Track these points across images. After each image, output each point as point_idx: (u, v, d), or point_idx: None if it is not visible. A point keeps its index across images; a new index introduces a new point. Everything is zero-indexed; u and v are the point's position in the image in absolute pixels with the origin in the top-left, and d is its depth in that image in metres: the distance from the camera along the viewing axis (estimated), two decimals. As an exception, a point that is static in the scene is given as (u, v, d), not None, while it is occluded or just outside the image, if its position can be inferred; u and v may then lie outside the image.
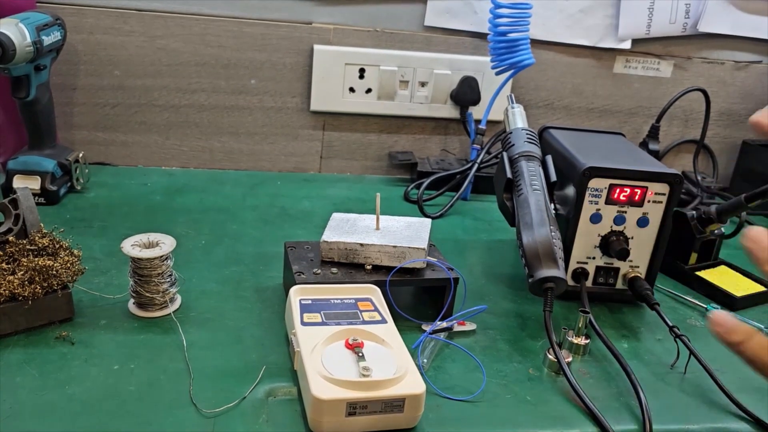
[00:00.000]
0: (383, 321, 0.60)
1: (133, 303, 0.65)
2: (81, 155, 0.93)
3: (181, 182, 1.01)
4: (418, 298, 0.73)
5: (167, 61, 1.01)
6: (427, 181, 1.04)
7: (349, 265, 0.68)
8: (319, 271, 0.66)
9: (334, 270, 0.67)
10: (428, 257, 0.68)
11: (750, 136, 1.25)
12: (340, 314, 0.60)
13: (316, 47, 1.04)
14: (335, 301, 0.62)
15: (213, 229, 0.86)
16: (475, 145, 1.09)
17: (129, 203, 0.91)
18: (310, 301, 0.61)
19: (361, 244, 0.67)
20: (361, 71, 1.07)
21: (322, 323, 0.58)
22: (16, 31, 0.78)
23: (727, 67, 1.20)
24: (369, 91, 1.08)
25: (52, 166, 0.88)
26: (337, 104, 1.08)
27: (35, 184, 0.86)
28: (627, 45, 1.14)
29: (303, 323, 0.58)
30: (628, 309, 0.76)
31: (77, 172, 0.92)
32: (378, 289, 0.64)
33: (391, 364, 0.54)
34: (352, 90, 1.08)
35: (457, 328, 0.67)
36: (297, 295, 0.62)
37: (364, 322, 0.59)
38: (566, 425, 0.55)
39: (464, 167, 1.06)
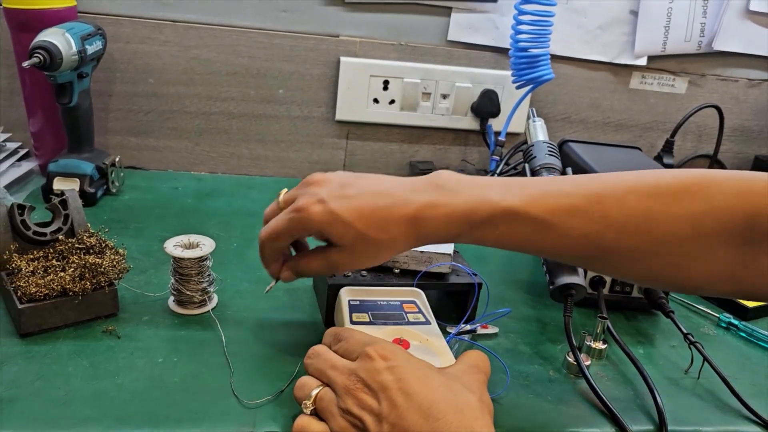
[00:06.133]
0: (427, 322, 0.62)
1: (173, 300, 0.68)
2: (117, 159, 0.97)
3: (210, 186, 1.05)
4: (442, 301, 0.76)
5: (200, 70, 1.05)
6: (447, 190, 1.06)
7: (377, 269, 0.71)
8: (350, 273, 0.70)
9: (364, 273, 0.70)
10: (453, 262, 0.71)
11: (762, 151, 1.28)
12: (387, 315, 0.62)
13: (343, 59, 1.08)
14: (382, 302, 0.64)
15: (243, 231, 0.89)
16: (494, 156, 1.12)
17: (162, 206, 0.95)
18: (358, 302, 0.64)
19: (390, 249, 0.70)
20: (385, 83, 1.10)
21: (370, 323, 0.61)
22: (63, 40, 0.82)
23: (741, 85, 1.23)
24: (392, 102, 1.12)
25: (91, 169, 0.91)
26: (362, 114, 1.12)
27: (74, 186, 0.90)
28: (643, 61, 1.17)
29: (352, 322, 0.60)
30: (643, 317, 0.78)
31: (113, 175, 0.95)
32: (422, 293, 0.67)
33: (436, 362, 0.56)
34: (376, 101, 1.11)
35: (480, 331, 0.70)
36: (347, 295, 0.64)
37: (409, 323, 0.61)
38: (586, 424, 0.58)
39: (483, 177, 1.09)
